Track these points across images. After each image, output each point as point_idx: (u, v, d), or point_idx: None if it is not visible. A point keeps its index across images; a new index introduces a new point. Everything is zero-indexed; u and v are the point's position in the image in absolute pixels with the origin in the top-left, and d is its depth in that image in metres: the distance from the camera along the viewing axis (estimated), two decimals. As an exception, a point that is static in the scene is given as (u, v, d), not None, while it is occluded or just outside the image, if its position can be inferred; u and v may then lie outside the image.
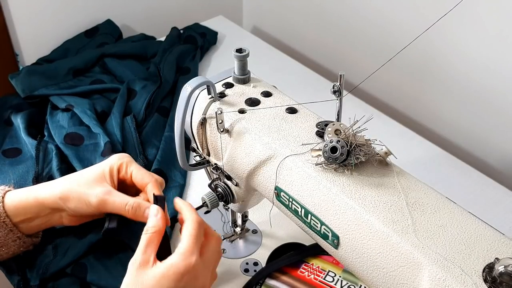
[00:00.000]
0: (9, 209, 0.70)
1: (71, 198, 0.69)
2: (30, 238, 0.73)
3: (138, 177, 0.71)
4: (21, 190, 0.73)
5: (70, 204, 0.69)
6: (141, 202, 0.68)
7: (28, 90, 1.03)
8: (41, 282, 0.74)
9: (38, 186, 0.72)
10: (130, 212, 0.67)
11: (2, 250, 0.71)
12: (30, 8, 1.13)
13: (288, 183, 0.60)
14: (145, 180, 0.70)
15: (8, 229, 0.70)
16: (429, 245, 0.50)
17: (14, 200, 0.71)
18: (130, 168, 0.71)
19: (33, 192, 0.71)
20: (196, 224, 0.62)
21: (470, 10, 0.96)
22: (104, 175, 0.70)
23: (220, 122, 0.64)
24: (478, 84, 1.02)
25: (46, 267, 0.75)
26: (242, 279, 0.76)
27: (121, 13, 1.27)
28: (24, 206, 0.70)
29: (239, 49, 0.67)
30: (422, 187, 0.56)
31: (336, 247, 0.57)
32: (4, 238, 0.70)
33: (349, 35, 1.24)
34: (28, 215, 0.71)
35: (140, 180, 0.70)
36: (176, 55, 1.17)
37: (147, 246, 0.60)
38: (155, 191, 0.68)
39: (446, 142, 1.12)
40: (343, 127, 0.59)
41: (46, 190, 0.71)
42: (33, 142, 0.93)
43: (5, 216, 0.69)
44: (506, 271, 0.45)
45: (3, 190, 0.72)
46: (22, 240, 0.72)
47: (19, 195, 0.71)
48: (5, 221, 0.69)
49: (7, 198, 0.71)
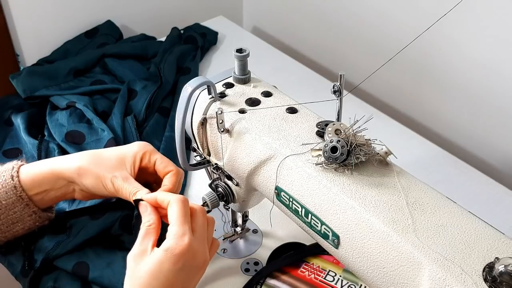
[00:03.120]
0: (25, 182, 0.70)
1: (89, 175, 0.69)
2: (45, 213, 0.73)
3: (161, 166, 0.71)
4: (36, 163, 0.73)
5: (86, 181, 0.70)
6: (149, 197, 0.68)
7: (29, 90, 1.03)
8: (44, 261, 0.74)
9: (53, 158, 0.72)
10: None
11: (18, 225, 0.71)
12: (31, 9, 1.13)
13: (288, 183, 0.60)
14: (168, 169, 0.71)
15: (24, 204, 0.70)
16: (429, 245, 0.50)
17: (30, 172, 0.70)
18: (154, 157, 0.72)
19: (48, 164, 0.71)
20: (180, 203, 0.61)
21: (470, 10, 0.96)
22: (125, 161, 0.71)
23: (220, 122, 0.64)
24: (478, 84, 1.02)
25: (57, 246, 0.75)
26: (242, 278, 0.76)
27: (121, 14, 1.27)
28: (40, 179, 0.70)
29: (239, 49, 0.68)
30: (422, 187, 0.56)
31: (336, 247, 0.57)
32: (20, 213, 0.70)
33: (349, 35, 1.24)
34: (43, 187, 0.71)
35: (163, 169, 0.71)
36: (176, 55, 1.17)
37: (143, 238, 0.61)
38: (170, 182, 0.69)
39: (446, 142, 1.12)
40: (343, 127, 0.59)
41: (63, 162, 0.71)
42: (34, 142, 0.93)
43: (21, 190, 0.69)
44: (506, 271, 0.45)
45: (17, 164, 0.72)
46: (38, 214, 0.72)
47: (34, 168, 0.71)
48: (21, 195, 0.69)
49: (22, 172, 0.71)
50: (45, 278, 0.75)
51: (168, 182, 0.70)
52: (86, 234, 0.77)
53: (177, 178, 0.71)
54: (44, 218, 0.74)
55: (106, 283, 0.74)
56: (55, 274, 0.75)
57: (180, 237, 0.59)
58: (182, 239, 0.58)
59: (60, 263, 0.75)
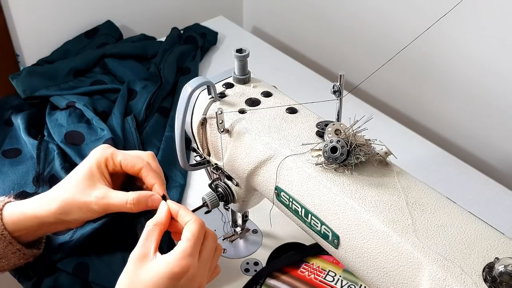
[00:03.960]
0: (8, 224, 0.67)
1: (72, 210, 0.67)
2: (30, 250, 0.71)
3: (128, 165, 0.69)
4: (20, 204, 0.69)
5: (73, 215, 0.68)
6: (140, 194, 0.67)
7: (29, 90, 1.03)
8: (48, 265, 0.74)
9: (35, 201, 0.69)
10: (133, 207, 0.66)
11: (2, 261, 0.69)
12: (31, 9, 1.13)
13: (288, 183, 0.60)
14: (137, 167, 0.69)
15: (7, 242, 0.67)
16: (429, 245, 0.50)
17: (13, 215, 0.68)
18: (117, 159, 0.69)
19: (31, 209, 0.68)
20: (200, 226, 0.61)
21: (470, 10, 0.96)
22: (93, 174, 0.68)
23: (220, 122, 0.64)
24: (478, 84, 1.02)
25: (58, 249, 0.75)
26: (242, 279, 0.76)
27: (121, 14, 1.27)
28: (24, 223, 0.68)
29: (239, 49, 0.67)
30: (422, 187, 0.56)
31: (336, 247, 0.57)
32: (4, 250, 0.67)
33: (349, 35, 1.24)
34: (28, 230, 0.69)
35: (132, 168, 0.69)
36: (176, 56, 1.17)
37: (146, 239, 0.60)
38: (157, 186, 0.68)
39: (446, 142, 1.12)
40: (343, 127, 0.59)
41: (43, 207, 0.68)
42: (33, 142, 0.93)
43: (3, 229, 0.67)
44: (506, 271, 0.45)
45: (3, 201, 0.69)
46: (22, 252, 0.69)
47: (18, 212, 0.68)
48: (3, 234, 0.67)
49: (7, 212, 0.68)
50: (45, 279, 0.75)
51: (152, 180, 0.68)
52: (88, 235, 0.77)
53: (154, 173, 0.69)
54: (29, 255, 0.71)
55: (106, 284, 0.74)
56: (55, 275, 0.75)
57: (186, 256, 0.58)
58: (187, 259, 0.58)
59: (61, 264, 0.75)
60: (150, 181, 0.68)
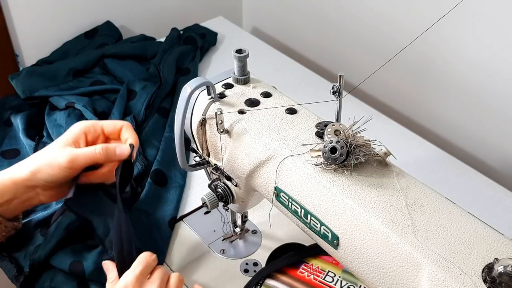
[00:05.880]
0: None
1: (42, 168, 0.69)
2: (11, 223, 0.73)
3: (111, 125, 0.74)
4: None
5: (42, 174, 0.69)
6: (108, 144, 0.71)
7: (28, 91, 1.03)
8: (33, 266, 0.75)
9: (11, 167, 0.72)
10: (102, 154, 0.70)
11: None
12: (30, 9, 1.13)
13: (287, 184, 0.60)
14: (119, 125, 0.74)
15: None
16: (429, 246, 0.50)
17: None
18: (99, 125, 0.74)
19: (8, 173, 0.71)
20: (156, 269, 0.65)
21: (470, 11, 0.96)
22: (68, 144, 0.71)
23: (220, 123, 0.64)
24: (478, 85, 1.02)
25: (36, 250, 0.76)
26: (242, 279, 0.76)
27: (120, 14, 1.27)
28: (1, 189, 0.70)
29: (238, 50, 0.68)
30: (422, 188, 0.57)
31: (335, 248, 0.57)
32: None
33: (349, 36, 1.24)
34: (5, 197, 0.70)
35: (114, 127, 0.74)
36: (176, 56, 1.17)
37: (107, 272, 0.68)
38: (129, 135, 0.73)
39: (446, 143, 1.12)
40: (342, 127, 0.59)
41: (18, 168, 0.71)
42: (31, 144, 0.93)
43: None
44: (505, 271, 0.45)
45: None
46: (3, 224, 0.72)
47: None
48: None
49: None
50: (42, 278, 0.75)
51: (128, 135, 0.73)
52: (61, 228, 0.77)
53: (131, 128, 0.74)
54: (11, 227, 0.74)
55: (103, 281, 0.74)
56: (51, 274, 0.75)
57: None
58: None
59: (57, 263, 0.75)
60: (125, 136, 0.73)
